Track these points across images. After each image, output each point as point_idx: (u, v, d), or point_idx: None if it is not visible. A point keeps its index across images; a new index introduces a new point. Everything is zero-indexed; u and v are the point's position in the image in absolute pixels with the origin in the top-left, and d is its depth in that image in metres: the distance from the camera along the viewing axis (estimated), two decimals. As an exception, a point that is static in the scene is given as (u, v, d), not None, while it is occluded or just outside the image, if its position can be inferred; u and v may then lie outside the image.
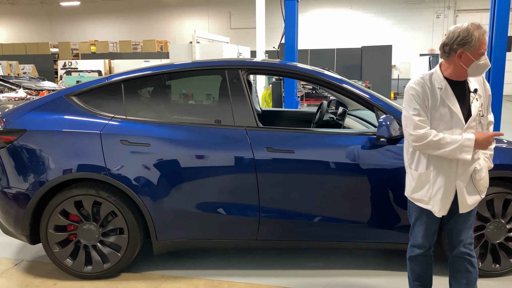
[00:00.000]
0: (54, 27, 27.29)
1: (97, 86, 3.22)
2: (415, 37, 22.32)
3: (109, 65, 17.27)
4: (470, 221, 2.40)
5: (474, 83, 2.33)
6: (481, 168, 2.34)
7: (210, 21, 24.87)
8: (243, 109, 3.12)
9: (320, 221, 3.08)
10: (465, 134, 2.26)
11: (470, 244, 2.41)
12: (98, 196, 3.01)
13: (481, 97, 2.32)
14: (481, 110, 2.31)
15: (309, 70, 3.31)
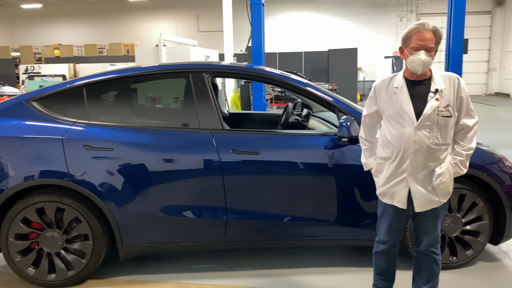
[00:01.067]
0: (15, 31, 26.38)
1: (58, 91, 3.17)
2: (379, 40, 22.89)
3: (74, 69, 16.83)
4: (435, 222, 2.42)
5: (440, 83, 2.32)
6: (442, 172, 2.33)
7: (177, 24, 24.67)
8: (209, 112, 3.15)
9: (286, 221, 3.13)
10: (369, 160, 2.58)
11: (436, 243, 2.48)
12: (61, 203, 2.96)
13: (443, 98, 2.29)
14: (442, 111, 2.29)
15: (274, 74, 3.37)
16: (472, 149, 2.38)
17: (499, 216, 3.23)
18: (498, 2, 22.17)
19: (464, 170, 2.39)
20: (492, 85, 23.00)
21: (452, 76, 2.35)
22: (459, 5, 6.55)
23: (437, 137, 2.31)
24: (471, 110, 2.37)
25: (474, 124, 2.38)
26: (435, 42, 2.28)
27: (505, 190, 3.15)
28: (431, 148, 2.31)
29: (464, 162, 2.39)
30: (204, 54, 10.42)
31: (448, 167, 2.35)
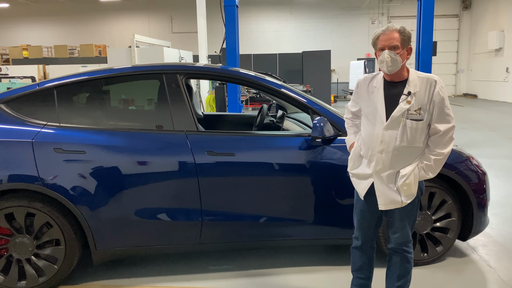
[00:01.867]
0: (-19, 31, 25.51)
1: (27, 92, 3.09)
2: (352, 42, 23.27)
3: (43, 71, 16.39)
4: (404, 222, 2.45)
5: (414, 86, 2.32)
6: (406, 174, 2.35)
7: (151, 25, 24.40)
8: (183, 113, 3.13)
9: (263, 221, 3.15)
10: (350, 137, 2.67)
11: (407, 242, 2.50)
12: (31, 207, 2.89)
13: (415, 100, 2.29)
14: (413, 114, 2.30)
15: (249, 75, 3.38)
16: (442, 154, 2.33)
17: (467, 213, 3.34)
18: (465, 6, 22.92)
19: (430, 175, 2.37)
20: (460, 86, 23.75)
21: (430, 79, 2.32)
22: (428, 9, 6.75)
23: (405, 140, 2.32)
24: (447, 114, 2.32)
25: (448, 129, 2.32)
26: (401, 40, 2.30)
27: (472, 187, 3.26)
28: (398, 150, 2.33)
29: (431, 167, 2.36)
30: (178, 55, 10.35)
31: (414, 170, 2.36)
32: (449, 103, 2.34)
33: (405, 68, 2.37)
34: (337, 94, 21.38)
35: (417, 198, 2.46)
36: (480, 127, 11.03)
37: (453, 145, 2.38)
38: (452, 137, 2.35)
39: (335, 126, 3.20)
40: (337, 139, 3.17)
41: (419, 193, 2.45)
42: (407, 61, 2.36)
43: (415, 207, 2.48)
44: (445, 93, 2.33)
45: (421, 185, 2.45)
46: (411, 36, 2.36)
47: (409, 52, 2.35)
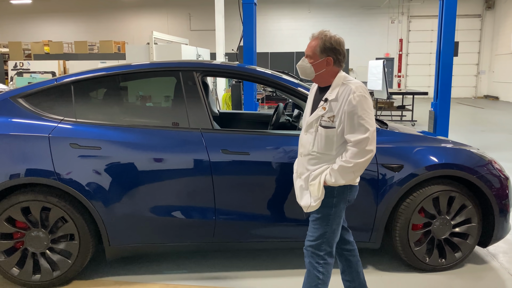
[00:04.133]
0: (4, 26, 26.03)
1: (45, 88, 3.11)
2: (370, 41, 23.02)
3: (63, 66, 16.63)
4: (315, 226, 2.35)
5: (332, 93, 2.26)
6: (314, 174, 2.31)
7: (169, 22, 24.54)
8: (198, 111, 3.11)
9: (276, 222, 3.11)
10: None
11: (317, 249, 2.35)
12: (47, 202, 2.90)
13: (330, 108, 2.25)
14: (325, 121, 2.25)
15: (265, 74, 3.34)
16: (350, 163, 2.19)
17: (488, 218, 3.24)
18: (488, 6, 22.42)
19: (332, 181, 2.24)
20: (481, 88, 23.26)
21: (349, 87, 2.22)
22: (450, 8, 6.60)
23: (317, 146, 2.29)
24: (359, 125, 2.18)
25: (358, 140, 2.18)
26: (318, 49, 2.24)
27: (494, 192, 3.16)
28: (311, 155, 2.33)
29: (336, 172, 2.23)
30: (195, 52, 10.36)
31: (322, 172, 2.29)
32: (366, 113, 2.19)
33: (332, 74, 2.29)
34: (354, 94, 21.12)
35: (332, 208, 2.31)
36: (501, 130, 10.76)
37: (369, 157, 2.20)
38: (365, 149, 2.18)
39: (353, 126, 3.13)
40: (354, 140, 3.11)
41: (332, 202, 2.30)
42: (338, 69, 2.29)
43: (327, 214, 2.32)
44: (362, 102, 2.18)
45: (338, 193, 2.30)
46: (336, 46, 2.25)
47: (329, 63, 2.26)
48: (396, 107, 11.94)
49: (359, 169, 2.23)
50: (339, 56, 2.27)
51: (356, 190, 2.41)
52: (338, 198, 2.31)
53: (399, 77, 23.23)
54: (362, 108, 2.18)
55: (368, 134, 2.18)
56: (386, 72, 10.60)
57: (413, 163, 3.11)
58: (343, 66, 2.32)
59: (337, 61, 2.28)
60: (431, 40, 22.83)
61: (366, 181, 3.06)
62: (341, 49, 2.28)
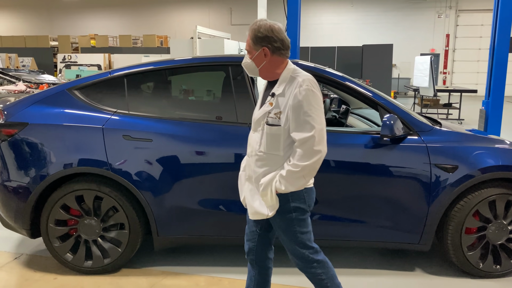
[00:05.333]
0: (54, 20, 27.16)
1: (99, 80, 3.20)
2: (415, 36, 22.28)
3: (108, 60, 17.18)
4: (283, 236, 2.16)
5: (279, 87, 2.06)
6: (263, 183, 2.07)
7: (210, 16, 24.77)
8: (247, 106, 3.11)
9: (321, 220, 3.07)
10: None
11: (298, 258, 2.20)
12: (100, 191, 3.00)
13: (278, 103, 2.04)
14: (272, 118, 2.04)
15: (314, 68, 3.28)
16: (298, 167, 1.96)
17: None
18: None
19: (282, 188, 2.01)
20: (535, 86, 22.03)
21: (297, 79, 2.00)
22: (507, 2, 6.25)
23: (264, 145, 2.07)
24: (305, 122, 1.95)
25: (304, 139, 1.94)
26: (251, 43, 2.06)
27: (556, 197, 2.98)
28: (258, 155, 2.10)
29: (284, 178, 2.00)
30: (238, 47, 10.39)
31: (273, 179, 2.05)
32: (313, 109, 1.96)
33: (276, 66, 2.08)
34: (397, 90, 20.59)
35: (293, 213, 2.09)
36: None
37: (317, 159, 1.97)
38: (312, 149, 1.95)
39: (406, 124, 3.04)
40: (407, 139, 3.01)
41: (290, 207, 2.08)
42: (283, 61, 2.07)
43: (291, 224, 2.10)
44: (308, 96, 1.96)
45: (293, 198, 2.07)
46: (268, 34, 2.02)
47: (267, 54, 2.04)
48: (442, 105, 11.51)
49: (308, 172, 1.99)
50: (276, 44, 2.02)
51: (314, 192, 2.17)
52: (296, 203, 2.08)
53: (444, 74, 22.40)
54: (309, 103, 1.95)
55: (313, 132, 1.95)
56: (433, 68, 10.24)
57: (468, 164, 2.97)
58: (288, 54, 2.10)
59: (276, 50, 2.04)
60: (480, 35, 21.83)
61: (418, 181, 2.96)
62: (276, 36, 2.02)
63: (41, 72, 11.63)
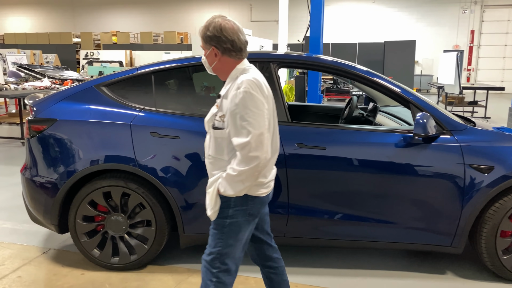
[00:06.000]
0: (77, 17, 27.58)
1: (127, 77, 3.20)
2: (439, 32, 21.83)
3: (130, 56, 17.34)
4: (212, 235, 2.04)
5: (226, 88, 1.98)
6: (209, 184, 2.01)
7: (230, 13, 24.75)
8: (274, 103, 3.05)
9: (350, 220, 3.00)
10: None
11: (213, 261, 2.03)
12: (127, 188, 3.00)
13: (220, 103, 1.97)
14: (217, 120, 1.96)
15: (345, 65, 3.20)
16: (236, 171, 1.85)
17: None
18: None
19: (221, 190, 1.91)
20: None
21: (238, 80, 1.90)
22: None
23: (212, 148, 2.01)
24: (242, 127, 1.83)
25: (239, 145, 1.84)
26: (203, 42, 1.98)
27: None
28: (209, 159, 2.04)
29: (224, 180, 1.90)
30: (259, 43, 10.34)
31: (211, 182, 2.00)
32: (250, 113, 1.83)
33: (229, 67, 1.99)
34: (419, 88, 20.23)
35: (226, 220, 1.97)
36: None
37: (255, 165, 1.83)
38: (249, 155, 1.82)
39: (438, 123, 2.95)
40: (439, 138, 2.92)
41: (228, 213, 1.96)
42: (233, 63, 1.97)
43: (221, 229, 1.99)
44: (245, 99, 1.83)
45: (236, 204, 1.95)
46: (216, 33, 1.91)
47: (217, 54, 1.95)
48: (467, 103, 11.23)
49: (246, 178, 1.86)
50: (225, 45, 1.92)
51: (262, 202, 2.02)
52: (235, 210, 1.96)
53: (468, 71, 21.88)
54: (245, 107, 1.83)
55: (249, 138, 1.82)
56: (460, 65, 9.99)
57: (505, 164, 2.87)
58: (242, 55, 1.98)
59: (226, 51, 1.93)
60: (507, 31, 21.26)
61: (451, 182, 2.87)
62: (225, 35, 1.91)
63: (65, 68, 11.79)
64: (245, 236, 2.05)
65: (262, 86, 1.91)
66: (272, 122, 2.01)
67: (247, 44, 2.01)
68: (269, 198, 2.08)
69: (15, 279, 3.01)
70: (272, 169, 2.09)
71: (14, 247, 3.51)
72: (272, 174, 2.08)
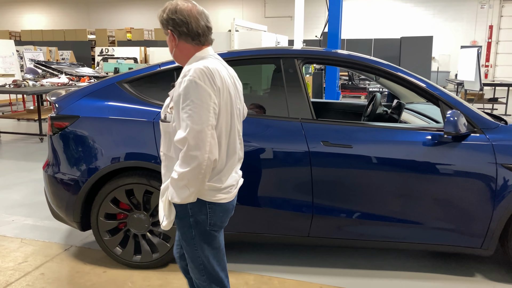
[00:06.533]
0: (92, 14, 27.74)
1: (149, 73, 3.16)
2: (456, 28, 21.42)
3: (144, 53, 17.38)
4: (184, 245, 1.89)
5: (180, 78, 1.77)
6: (162, 191, 1.86)
7: (244, 9, 24.65)
8: (299, 100, 3.00)
9: (375, 220, 2.93)
10: None
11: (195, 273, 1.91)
12: (150, 185, 2.97)
13: (172, 94, 1.80)
14: (168, 112, 1.80)
15: (372, 61, 3.11)
16: (176, 174, 1.65)
17: None
18: None
19: (169, 197, 1.72)
20: None
21: (186, 68, 1.72)
22: None
23: (164, 145, 1.84)
24: (183, 120, 1.63)
25: (178, 141, 1.63)
26: (160, 25, 1.84)
27: None
28: (162, 157, 1.88)
29: (170, 188, 1.71)
30: (275, 39, 10.25)
31: (163, 188, 1.84)
32: (193, 105, 1.62)
33: (187, 53, 1.82)
34: (435, 84, 19.88)
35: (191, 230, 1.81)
36: None
37: (196, 166, 1.61)
38: (189, 154, 1.61)
39: (469, 121, 2.86)
40: (470, 136, 2.83)
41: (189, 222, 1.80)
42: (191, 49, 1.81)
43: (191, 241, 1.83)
44: (189, 89, 1.63)
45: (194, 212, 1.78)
46: (171, 15, 1.77)
47: (174, 38, 1.80)
48: (487, 100, 11.00)
49: (189, 183, 1.64)
50: (179, 28, 1.76)
51: (224, 210, 1.82)
52: (195, 218, 1.78)
53: (486, 67, 21.46)
54: (187, 97, 1.63)
55: (187, 133, 1.60)
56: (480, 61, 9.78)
57: (540, 164, 2.76)
58: (201, 41, 1.80)
59: (182, 35, 1.78)
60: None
61: (482, 182, 2.78)
62: (179, 18, 1.75)
63: (81, 65, 11.86)
64: (219, 243, 1.88)
65: (214, 76, 1.67)
66: (230, 120, 1.77)
67: (208, 30, 1.82)
68: (232, 205, 1.87)
69: (38, 276, 3.01)
70: (232, 173, 1.84)
71: (36, 243, 3.52)
72: (232, 179, 1.84)
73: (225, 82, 1.74)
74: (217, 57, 1.86)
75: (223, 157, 1.78)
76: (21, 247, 3.45)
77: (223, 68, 1.81)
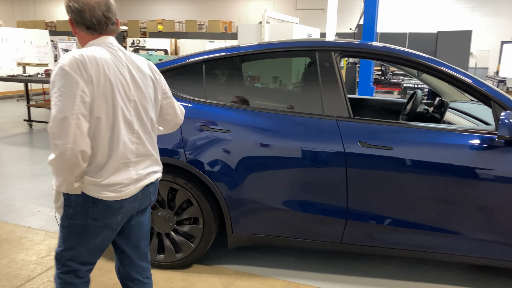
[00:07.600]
0: (124, 5, 28.05)
1: (177, 65, 3.02)
2: (496, 23, 20.44)
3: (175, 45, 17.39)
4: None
5: None
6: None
7: (275, 1, 24.33)
8: (335, 97, 2.79)
9: (414, 228, 2.71)
10: None
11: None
12: (175, 183, 2.84)
13: None
14: None
15: (415, 55, 2.86)
16: (48, 161, 1.60)
17: None
18: None
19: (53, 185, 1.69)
20: None
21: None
22: None
23: None
24: (52, 107, 1.58)
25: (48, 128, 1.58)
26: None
27: None
28: None
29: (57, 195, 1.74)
30: (307, 32, 9.98)
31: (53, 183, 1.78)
32: (57, 93, 1.55)
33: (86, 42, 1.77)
34: (472, 81, 19.06)
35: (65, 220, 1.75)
36: None
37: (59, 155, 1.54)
38: (52, 142, 1.55)
39: (525, 124, 2.58)
40: (527, 141, 2.55)
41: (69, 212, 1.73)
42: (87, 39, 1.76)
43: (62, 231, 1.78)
44: (55, 77, 1.57)
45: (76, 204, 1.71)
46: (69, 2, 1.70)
47: (72, 24, 1.75)
48: (530, 99, 10.38)
49: (57, 171, 1.61)
50: (74, 16, 1.71)
51: (108, 208, 1.72)
52: (76, 210, 1.73)
53: (528, 64, 20.42)
54: (53, 85, 1.58)
55: (51, 121, 1.55)
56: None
57: None
58: (96, 30, 1.74)
59: (78, 23, 1.73)
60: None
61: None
62: (76, 6, 1.69)
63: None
64: (92, 241, 1.78)
65: (86, 63, 1.60)
66: (112, 111, 1.67)
67: (107, 19, 1.74)
68: (122, 205, 1.75)
69: (60, 271, 2.94)
70: (122, 170, 1.73)
71: (60, 237, 3.46)
72: (122, 177, 1.73)
73: (104, 71, 1.65)
74: (112, 46, 1.77)
75: (104, 151, 1.68)
76: (45, 240, 3.40)
77: (110, 57, 1.71)
